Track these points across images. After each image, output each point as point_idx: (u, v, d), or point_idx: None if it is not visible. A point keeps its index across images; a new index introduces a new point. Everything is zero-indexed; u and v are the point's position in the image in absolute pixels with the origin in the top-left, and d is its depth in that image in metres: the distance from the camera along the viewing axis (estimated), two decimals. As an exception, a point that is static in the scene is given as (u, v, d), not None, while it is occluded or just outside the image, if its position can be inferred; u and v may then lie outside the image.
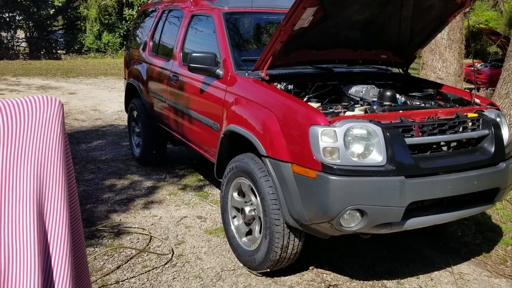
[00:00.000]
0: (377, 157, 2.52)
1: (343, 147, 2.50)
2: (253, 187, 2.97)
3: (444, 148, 2.86)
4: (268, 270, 2.95)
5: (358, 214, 2.52)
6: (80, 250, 1.37)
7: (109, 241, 3.48)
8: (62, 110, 1.34)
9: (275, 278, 3.01)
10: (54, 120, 1.31)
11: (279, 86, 3.26)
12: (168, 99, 4.46)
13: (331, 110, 2.93)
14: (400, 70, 3.94)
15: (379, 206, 2.49)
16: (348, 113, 2.82)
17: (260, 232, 2.99)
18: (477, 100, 3.33)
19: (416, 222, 2.67)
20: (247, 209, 3.09)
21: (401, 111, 2.86)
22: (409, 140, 2.62)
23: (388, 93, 3.18)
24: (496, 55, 17.91)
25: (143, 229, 3.69)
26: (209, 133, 3.70)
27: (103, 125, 7.66)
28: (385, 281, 3.03)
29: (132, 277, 3.00)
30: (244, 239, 3.18)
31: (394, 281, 3.04)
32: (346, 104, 3.22)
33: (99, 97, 10.48)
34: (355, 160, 2.51)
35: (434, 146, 2.82)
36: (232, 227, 3.26)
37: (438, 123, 2.81)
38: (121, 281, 2.94)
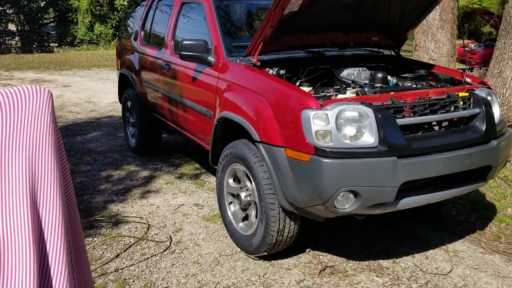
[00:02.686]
0: (369, 138, 2.54)
1: (335, 130, 2.52)
2: (248, 173, 3.00)
3: (436, 128, 2.88)
4: (265, 253, 2.99)
5: (351, 195, 2.55)
6: (78, 238, 1.39)
7: (108, 230, 3.52)
8: (51, 99, 1.35)
9: (272, 261, 3.05)
10: (43, 109, 1.32)
11: (270, 71, 3.26)
12: (161, 88, 4.46)
13: (323, 93, 2.95)
14: (392, 52, 3.95)
15: (372, 187, 2.53)
16: (340, 96, 2.84)
17: (256, 217, 3.02)
18: (468, 80, 3.35)
19: (409, 202, 2.70)
20: (242, 194, 3.12)
21: (392, 93, 2.88)
22: (400, 121, 2.65)
23: (379, 75, 3.20)
24: (490, 35, 17.88)
25: (141, 218, 3.72)
26: (203, 121, 3.71)
27: (98, 116, 7.65)
28: (380, 261, 3.08)
29: (131, 265, 3.03)
30: (241, 224, 3.21)
31: (390, 260, 3.09)
32: (338, 87, 3.24)
33: (93, 89, 10.44)
34: (347, 142, 2.54)
35: (426, 126, 2.84)
36: (229, 213, 3.29)
37: (429, 103, 2.83)
38: (121, 269, 2.97)
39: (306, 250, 3.18)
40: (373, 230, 3.48)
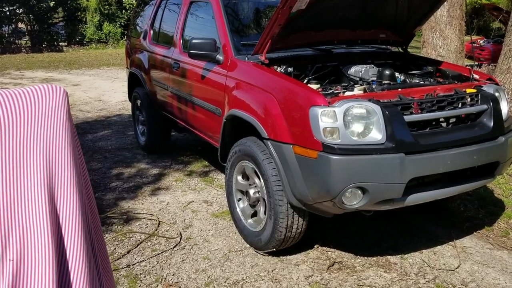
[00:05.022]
0: (376, 135, 2.57)
1: (343, 127, 2.54)
2: (256, 170, 3.04)
3: (443, 124, 2.89)
4: (274, 249, 3.02)
5: (359, 191, 2.58)
6: (98, 232, 1.43)
7: (119, 227, 3.57)
8: (67, 98, 1.39)
9: (281, 257, 3.08)
10: (60, 108, 1.36)
11: (279, 69, 3.29)
12: (170, 87, 4.51)
13: (330, 91, 2.97)
14: (400, 49, 3.96)
15: (380, 183, 2.55)
16: (348, 93, 2.86)
17: (265, 213, 3.06)
18: (476, 76, 3.35)
19: (417, 198, 2.72)
20: (251, 191, 3.16)
21: (400, 89, 2.90)
22: (408, 118, 2.67)
23: (387, 72, 3.22)
24: (499, 31, 17.74)
25: (151, 214, 3.78)
26: (211, 118, 3.75)
27: (108, 115, 7.73)
28: (388, 257, 3.10)
29: (143, 260, 3.09)
30: (250, 220, 3.25)
31: (398, 256, 3.11)
32: (346, 84, 3.26)
33: (103, 87, 10.54)
34: (355, 139, 2.56)
35: (433, 122, 2.85)
36: (238, 209, 3.33)
37: (437, 99, 2.84)
38: (132, 265, 3.03)
39: (315, 246, 3.21)
40: (381, 226, 3.51)
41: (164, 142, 5.34)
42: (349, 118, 2.58)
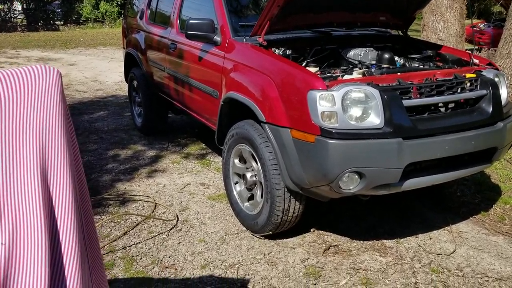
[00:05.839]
0: (375, 120, 2.54)
1: (341, 111, 2.52)
2: (253, 153, 3.02)
3: (442, 109, 2.87)
4: (271, 233, 3.03)
5: (356, 176, 2.57)
6: (89, 216, 1.42)
7: (115, 209, 3.57)
8: (60, 79, 1.36)
9: (277, 240, 3.09)
10: (53, 89, 1.33)
11: (277, 51, 3.25)
12: (167, 68, 4.46)
13: (329, 74, 2.94)
14: (400, 32, 3.92)
15: (377, 168, 2.54)
16: (346, 77, 2.83)
17: (261, 197, 3.05)
18: (476, 61, 3.32)
19: (414, 183, 2.72)
20: (248, 174, 3.14)
21: (399, 73, 2.87)
22: (406, 102, 2.64)
23: (386, 56, 3.18)
24: (500, 15, 17.60)
25: (147, 196, 3.77)
26: (209, 101, 3.72)
27: (104, 96, 7.67)
28: (384, 241, 3.11)
29: (139, 242, 3.09)
30: (247, 204, 3.25)
31: (393, 240, 3.12)
32: (345, 68, 3.23)
33: (99, 67, 10.45)
34: (353, 124, 2.54)
35: (432, 107, 2.83)
36: (235, 192, 3.32)
37: (436, 84, 2.82)
38: (128, 247, 3.03)
39: (311, 230, 3.22)
40: (377, 211, 3.51)
41: (161, 123, 5.31)
42: (347, 102, 2.55)
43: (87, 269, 1.21)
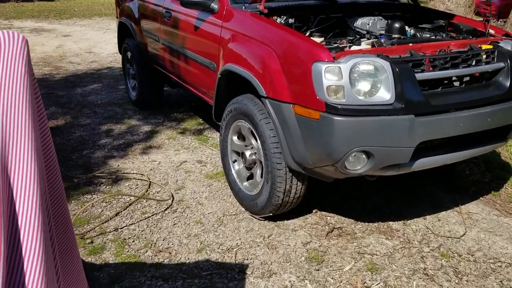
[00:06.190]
0: (385, 94, 2.34)
1: (348, 85, 2.31)
2: (253, 130, 2.82)
3: (456, 84, 2.67)
4: (271, 214, 2.86)
5: (364, 156, 2.38)
6: (60, 204, 1.23)
7: (107, 187, 3.39)
8: (27, 47, 1.16)
9: (277, 222, 2.93)
10: (17, 58, 1.13)
11: (279, 20, 3.02)
12: (162, 38, 4.22)
13: (335, 45, 2.71)
14: (409, 0, 3.67)
15: (387, 147, 2.35)
16: (354, 48, 2.61)
17: (261, 177, 2.88)
18: (492, 31, 3.09)
19: (425, 163, 2.53)
20: (247, 153, 2.96)
21: (410, 44, 2.65)
22: (419, 76, 2.43)
23: (397, 25, 2.94)
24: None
25: (141, 174, 3.59)
26: (205, 73, 3.50)
27: (99, 68, 7.42)
28: (390, 223, 2.95)
29: (131, 224, 2.92)
30: (246, 183, 3.07)
31: (400, 222, 2.96)
32: (352, 38, 3.00)
33: (94, 38, 10.13)
34: (361, 99, 2.33)
35: (446, 81, 2.62)
36: (233, 171, 3.14)
37: (451, 56, 2.60)
38: (120, 228, 2.87)
39: (313, 211, 3.05)
40: (383, 190, 3.34)
41: (156, 97, 5.08)
42: (355, 76, 2.34)
43: (53, 275, 1.03)
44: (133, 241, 2.74)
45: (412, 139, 2.36)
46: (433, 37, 3.03)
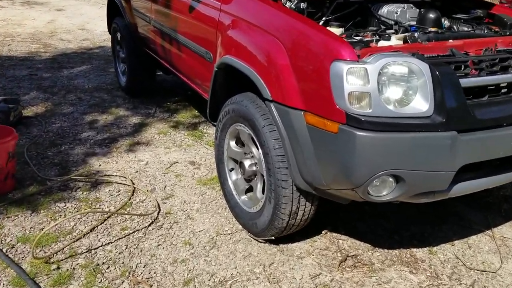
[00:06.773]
0: (421, 105, 1.85)
1: (376, 92, 1.82)
2: (254, 137, 2.35)
3: (503, 91, 2.18)
4: (273, 238, 2.41)
5: (392, 180, 1.91)
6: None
7: (84, 193, 2.93)
8: None
9: (280, 245, 2.48)
10: None
11: (288, 4, 2.53)
12: (153, 20, 3.71)
13: (358, 38, 2.22)
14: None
15: (421, 171, 1.88)
16: (382, 44, 2.12)
17: (263, 192, 2.42)
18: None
19: (464, 188, 2.06)
20: (246, 163, 2.48)
21: (451, 41, 2.16)
22: (463, 82, 1.95)
23: (432, 15, 2.44)
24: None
25: (125, 178, 3.13)
26: (200, 63, 3.01)
27: (90, 47, 6.90)
28: (414, 249, 2.50)
29: (108, 243, 2.47)
30: (244, 197, 2.61)
31: (425, 249, 2.52)
32: (375, 29, 2.50)
33: (89, 14, 9.56)
34: (391, 109, 1.85)
35: (491, 87, 2.14)
36: (229, 182, 2.68)
37: (500, 57, 2.11)
38: (94, 249, 2.42)
39: (323, 232, 2.60)
40: (403, 207, 2.87)
41: (148, 84, 4.59)
42: (384, 79, 1.86)
43: None
44: (108, 268, 2.29)
45: (453, 162, 1.89)
46: (474, 31, 2.53)
